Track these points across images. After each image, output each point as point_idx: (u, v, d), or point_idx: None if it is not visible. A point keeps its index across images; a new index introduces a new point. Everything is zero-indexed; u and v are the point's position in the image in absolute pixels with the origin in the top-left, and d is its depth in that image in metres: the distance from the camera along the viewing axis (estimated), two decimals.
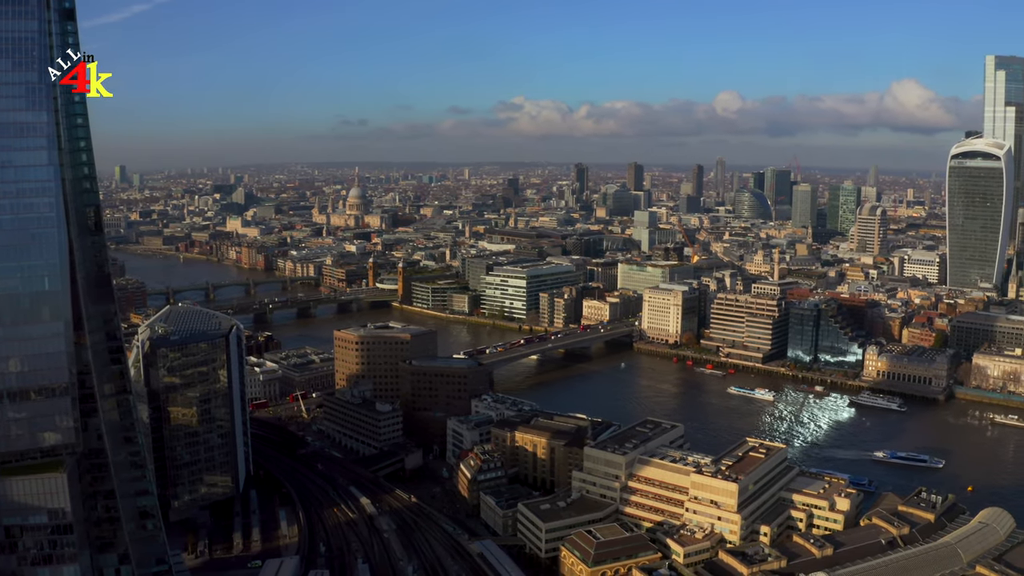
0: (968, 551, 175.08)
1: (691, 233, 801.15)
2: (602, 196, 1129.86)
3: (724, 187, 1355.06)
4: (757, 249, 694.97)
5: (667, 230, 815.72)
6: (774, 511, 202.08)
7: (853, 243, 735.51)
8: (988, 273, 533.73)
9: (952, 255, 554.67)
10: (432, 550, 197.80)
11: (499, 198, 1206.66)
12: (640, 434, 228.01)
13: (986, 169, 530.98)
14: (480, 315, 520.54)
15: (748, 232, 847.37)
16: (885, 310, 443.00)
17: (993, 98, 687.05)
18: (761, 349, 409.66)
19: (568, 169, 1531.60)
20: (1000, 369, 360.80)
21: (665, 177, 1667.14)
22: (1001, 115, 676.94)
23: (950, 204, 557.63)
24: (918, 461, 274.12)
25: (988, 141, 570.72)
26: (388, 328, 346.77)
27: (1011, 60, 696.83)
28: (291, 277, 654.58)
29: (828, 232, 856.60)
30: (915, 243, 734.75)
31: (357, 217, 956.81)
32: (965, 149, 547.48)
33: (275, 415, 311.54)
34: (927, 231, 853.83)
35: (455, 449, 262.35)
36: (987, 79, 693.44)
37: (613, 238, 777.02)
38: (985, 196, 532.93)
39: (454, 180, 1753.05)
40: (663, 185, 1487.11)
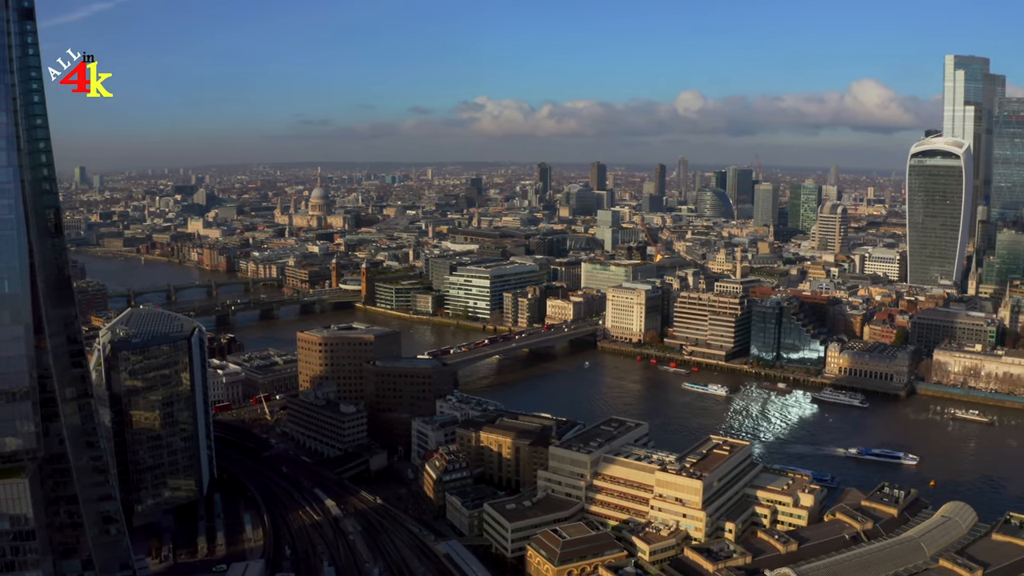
0: (931, 545, 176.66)
1: (654, 232, 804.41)
2: (565, 196, 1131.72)
3: (686, 186, 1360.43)
4: (719, 248, 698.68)
5: (630, 229, 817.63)
6: (739, 508, 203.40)
7: (814, 241, 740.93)
8: (948, 270, 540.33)
9: (912, 253, 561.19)
10: (398, 551, 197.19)
11: (462, 198, 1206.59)
12: (605, 433, 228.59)
13: (946, 168, 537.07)
14: (444, 315, 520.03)
15: (710, 231, 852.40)
16: (846, 307, 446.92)
17: (952, 97, 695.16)
18: (724, 347, 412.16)
19: (531, 169, 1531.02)
20: (960, 365, 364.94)
21: (628, 176, 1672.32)
22: (960, 114, 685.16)
23: (910, 202, 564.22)
24: (892, 458, 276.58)
25: (947, 140, 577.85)
26: (352, 329, 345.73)
27: (970, 60, 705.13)
28: (253, 278, 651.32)
29: (790, 230, 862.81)
30: (876, 241, 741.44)
31: (320, 218, 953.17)
32: (925, 148, 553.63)
33: (238, 418, 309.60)
34: (887, 229, 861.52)
35: (420, 450, 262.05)
36: (946, 79, 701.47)
37: (576, 237, 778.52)
38: (945, 194, 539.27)
39: (417, 180, 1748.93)
40: (626, 184, 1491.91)
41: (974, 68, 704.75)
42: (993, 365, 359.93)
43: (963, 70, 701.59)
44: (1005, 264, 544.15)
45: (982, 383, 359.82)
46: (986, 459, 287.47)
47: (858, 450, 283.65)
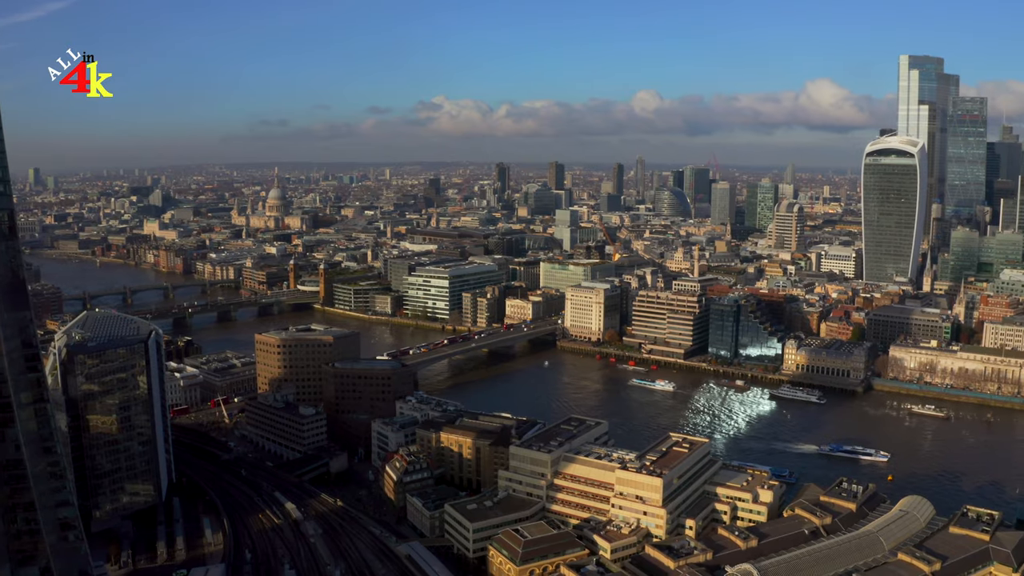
0: (890, 538, 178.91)
1: (612, 231, 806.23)
2: (524, 195, 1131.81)
3: (644, 185, 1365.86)
4: (677, 246, 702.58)
5: (588, 229, 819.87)
6: (699, 505, 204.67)
7: (771, 240, 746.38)
8: (903, 267, 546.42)
9: (868, 250, 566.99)
10: (359, 554, 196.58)
11: (421, 198, 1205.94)
12: (565, 432, 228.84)
13: (900, 166, 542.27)
14: (403, 316, 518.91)
15: (668, 230, 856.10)
16: (803, 305, 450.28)
17: (907, 97, 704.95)
18: (683, 345, 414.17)
19: (489, 168, 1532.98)
20: (916, 361, 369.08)
21: (586, 176, 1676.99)
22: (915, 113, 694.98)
23: (865, 200, 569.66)
24: (864, 454, 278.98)
25: (902, 139, 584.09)
26: (310, 330, 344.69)
27: (924, 60, 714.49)
28: (210, 280, 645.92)
29: (747, 229, 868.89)
30: (832, 239, 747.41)
31: (277, 219, 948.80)
32: (880, 147, 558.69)
33: (197, 421, 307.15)
34: (843, 227, 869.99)
35: (380, 451, 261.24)
36: (901, 78, 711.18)
37: (535, 237, 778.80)
38: (899, 192, 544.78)
39: (375, 180, 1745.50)
40: (584, 184, 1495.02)
41: (928, 68, 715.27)
42: (948, 361, 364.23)
43: (917, 70, 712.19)
44: (959, 261, 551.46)
45: (938, 378, 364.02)
46: (943, 453, 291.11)
47: (829, 447, 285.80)
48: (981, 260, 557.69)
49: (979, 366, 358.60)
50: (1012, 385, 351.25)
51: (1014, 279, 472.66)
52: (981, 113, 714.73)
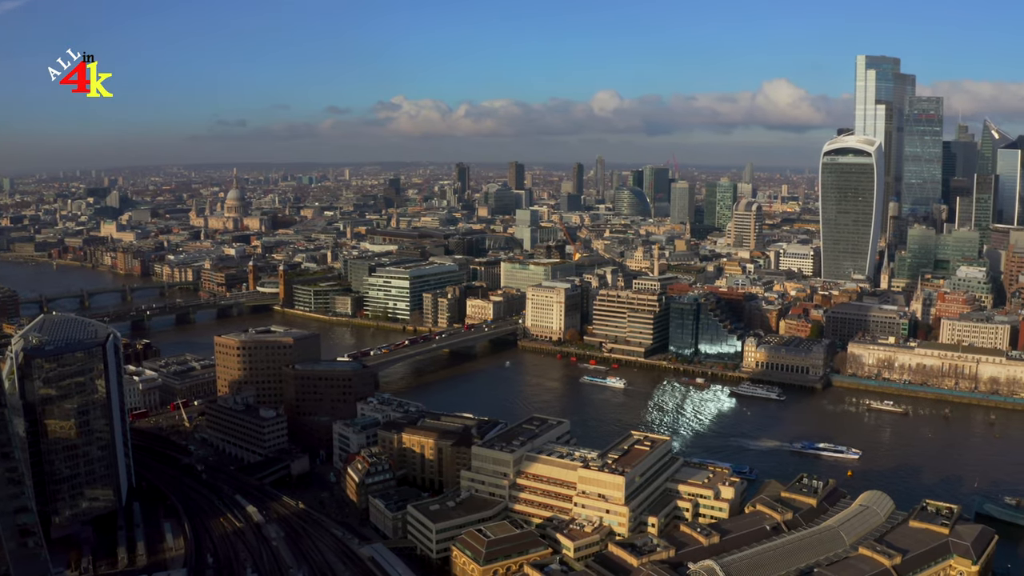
0: (850, 533, 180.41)
1: (572, 231, 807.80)
2: (484, 195, 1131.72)
3: (604, 185, 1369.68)
4: (637, 246, 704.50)
5: (549, 228, 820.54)
6: (661, 502, 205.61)
7: (730, 238, 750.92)
8: (861, 265, 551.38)
9: (826, 248, 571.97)
10: (322, 556, 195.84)
11: (380, 198, 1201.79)
12: (527, 431, 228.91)
13: (857, 165, 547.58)
14: (363, 317, 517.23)
15: (628, 229, 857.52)
16: (762, 303, 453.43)
17: (864, 97, 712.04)
18: (643, 344, 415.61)
19: (449, 168, 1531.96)
20: (874, 357, 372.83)
21: (546, 176, 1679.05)
22: (872, 113, 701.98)
23: (823, 199, 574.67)
24: (835, 452, 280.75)
25: (859, 138, 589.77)
26: (270, 332, 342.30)
27: (881, 60, 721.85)
28: (169, 282, 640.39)
29: (706, 228, 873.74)
30: (790, 237, 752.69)
31: (236, 219, 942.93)
32: (837, 146, 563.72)
33: (156, 425, 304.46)
34: (801, 225, 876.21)
35: (342, 453, 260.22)
36: (858, 78, 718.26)
37: (495, 237, 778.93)
38: (857, 191, 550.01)
39: (334, 181, 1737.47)
40: (544, 184, 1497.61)
41: (885, 68, 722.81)
42: (906, 357, 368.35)
43: (874, 70, 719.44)
44: (916, 258, 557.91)
45: (896, 374, 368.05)
46: (901, 449, 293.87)
47: (801, 444, 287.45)
48: (938, 257, 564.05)
49: (936, 362, 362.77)
50: (969, 380, 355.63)
51: (970, 276, 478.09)
52: (937, 112, 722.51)
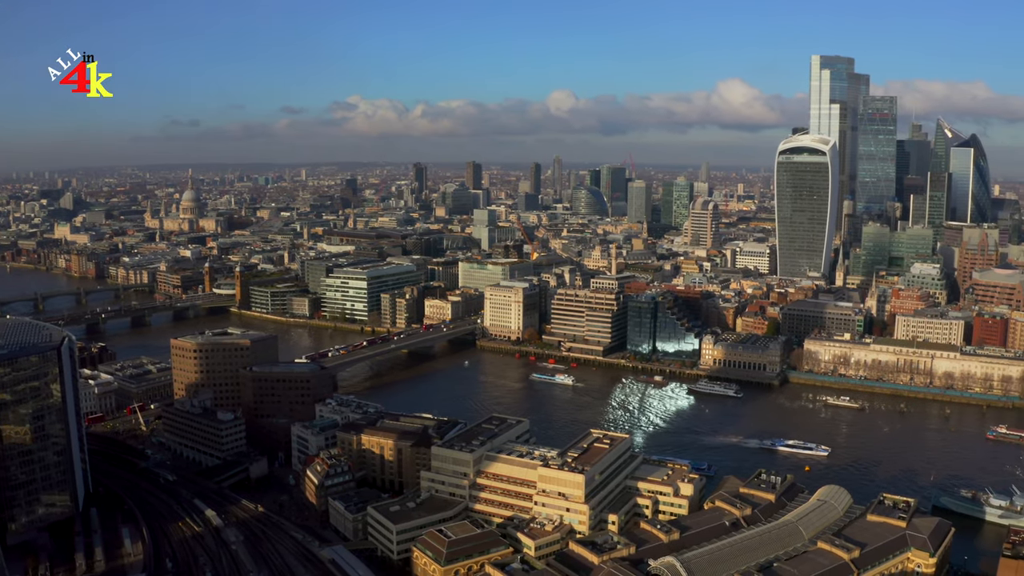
0: (809, 528, 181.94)
1: (530, 230, 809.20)
2: (441, 195, 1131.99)
3: (561, 185, 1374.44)
4: (595, 245, 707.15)
5: (506, 228, 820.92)
6: (621, 499, 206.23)
7: (687, 237, 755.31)
8: (816, 263, 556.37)
9: (782, 246, 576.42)
10: (282, 559, 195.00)
11: (337, 199, 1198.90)
12: (486, 431, 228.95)
13: (812, 164, 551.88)
14: (321, 318, 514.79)
15: (586, 228, 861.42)
16: (719, 300, 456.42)
17: (819, 96, 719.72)
18: (601, 342, 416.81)
19: (407, 169, 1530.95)
20: (830, 353, 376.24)
21: (503, 175, 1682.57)
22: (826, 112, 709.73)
23: (779, 198, 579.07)
24: (805, 449, 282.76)
25: (814, 137, 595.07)
26: (227, 334, 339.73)
27: (835, 60, 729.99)
28: (124, 285, 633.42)
29: (663, 227, 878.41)
30: (746, 236, 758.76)
31: (191, 221, 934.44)
32: (792, 145, 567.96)
33: (112, 429, 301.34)
34: (757, 224, 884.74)
35: (301, 455, 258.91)
36: (812, 78, 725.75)
37: (453, 237, 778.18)
38: (812, 189, 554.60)
39: (291, 181, 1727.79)
40: (502, 184, 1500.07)
41: (839, 68, 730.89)
42: (862, 353, 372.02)
43: (828, 70, 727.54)
44: (871, 256, 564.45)
45: (852, 370, 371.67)
46: (858, 443, 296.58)
47: (771, 441, 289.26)
48: (892, 255, 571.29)
49: (891, 358, 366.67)
50: (924, 376, 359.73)
51: (924, 273, 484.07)
52: (891, 112, 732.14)
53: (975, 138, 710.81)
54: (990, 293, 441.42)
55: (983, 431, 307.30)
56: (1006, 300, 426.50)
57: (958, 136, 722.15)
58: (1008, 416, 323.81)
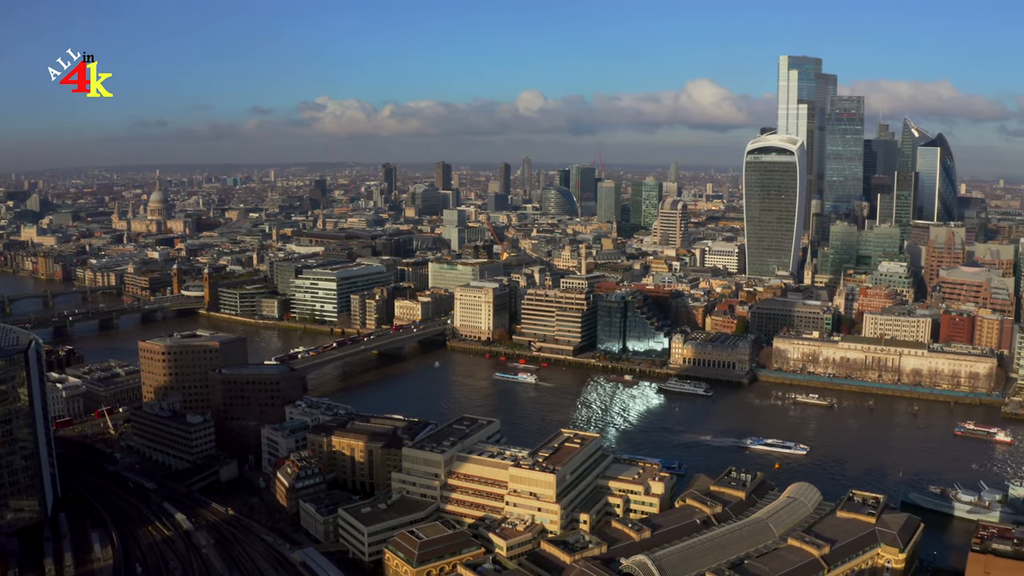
0: (779, 525, 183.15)
1: (500, 231, 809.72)
2: (411, 196, 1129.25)
3: (531, 185, 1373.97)
4: (564, 245, 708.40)
5: (476, 228, 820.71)
6: (592, 499, 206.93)
7: (656, 236, 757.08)
8: (784, 262, 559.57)
9: (750, 245, 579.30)
10: (253, 563, 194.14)
11: (306, 199, 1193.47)
12: (457, 431, 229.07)
13: (780, 163, 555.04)
14: (290, 319, 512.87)
15: (555, 228, 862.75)
16: (689, 300, 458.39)
17: (787, 96, 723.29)
18: (572, 342, 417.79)
19: (376, 169, 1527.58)
20: (799, 351, 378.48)
21: (473, 176, 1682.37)
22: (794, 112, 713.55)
23: (747, 197, 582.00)
24: (784, 447, 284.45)
25: (782, 137, 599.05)
26: (195, 337, 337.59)
27: (803, 60, 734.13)
28: (91, 287, 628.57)
29: (632, 226, 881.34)
30: (715, 235, 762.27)
31: (159, 222, 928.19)
32: (760, 145, 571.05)
33: (81, 433, 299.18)
34: (726, 223, 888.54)
35: (271, 458, 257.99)
36: (780, 78, 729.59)
37: (423, 237, 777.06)
38: (780, 189, 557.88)
39: (259, 182, 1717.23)
40: (471, 184, 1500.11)
41: (807, 68, 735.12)
42: (830, 351, 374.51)
43: (797, 70, 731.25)
44: (838, 254, 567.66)
45: (820, 368, 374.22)
46: (827, 441, 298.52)
47: (751, 440, 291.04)
48: (859, 253, 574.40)
49: (860, 355, 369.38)
50: (892, 373, 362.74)
51: (891, 271, 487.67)
52: (858, 112, 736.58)
53: (941, 137, 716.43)
54: (957, 291, 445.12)
55: (951, 427, 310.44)
56: (973, 298, 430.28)
57: (925, 136, 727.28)
58: (975, 412, 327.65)
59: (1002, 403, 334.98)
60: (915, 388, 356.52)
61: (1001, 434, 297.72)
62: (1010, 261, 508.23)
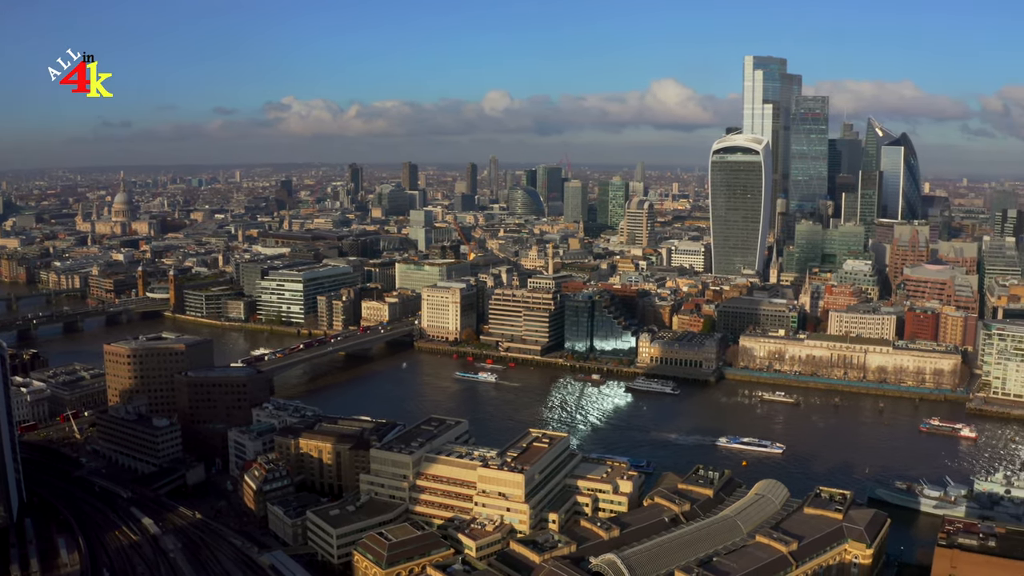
0: (747, 522, 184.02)
1: (467, 231, 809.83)
2: (377, 196, 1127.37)
3: (498, 185, 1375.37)
4: (531, 245, 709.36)
5: (443, 228, 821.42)
6: (561, 498, 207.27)
7: (623, 236, 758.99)
8: (750, 260, 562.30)
9: (716, 244, 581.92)
10: (221, 566, 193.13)
11: (272, 200, 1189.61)
12: (425, 432, 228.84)
13: (746, 163, 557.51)
14: (257, 321, 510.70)
15: (522, 228, 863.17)
16: (655, 299, 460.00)
17: (752, 96, 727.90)
18: (539, 342, 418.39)
19: (342, 169, 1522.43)
20: (765, 349, 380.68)
21: (440, 176, 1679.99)
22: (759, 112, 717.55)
23: (713, 197, 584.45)
24: (760, 446, 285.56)
25: (747, 137, 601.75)
26: (161, 339, 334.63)
27: (768, 60, 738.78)
28: (55, 289, 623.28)
29: (599, 226, 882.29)
30: (681, 234, 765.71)
31: (124, 224, 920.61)
32: (726, 144, 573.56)
33: (46, 437, 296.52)
34: (692, 223, 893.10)
35: (238, 460, 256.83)
36: (746, 78, 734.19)
37: (390, 238, 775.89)
38: (745, 188, 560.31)
39: (225, 183, 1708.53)
40: (438, 184, 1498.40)
41: (772, 68, 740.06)
42: (796, 348, 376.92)
43: (762, 70, 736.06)
44: (804, 253, 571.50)
45: (786, 366, 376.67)
46: (794, 438, 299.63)
47: (727, 438, 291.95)
48: (824, 252, 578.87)
49: (825, 353, 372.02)
50: (857, 370, 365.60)
51: (856, 269, 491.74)
52: (823, 111, 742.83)
53: (905, 137, 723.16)
54: (921, 288, 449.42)
55: (916, 424, 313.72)
56: (937, 295, 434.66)
57: (888, 135, 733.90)
58: (940, 408, 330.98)
59: (966, 399, 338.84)
60: (881, 385, 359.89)
61: (966, 430, 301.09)
62: (973, 259, 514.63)
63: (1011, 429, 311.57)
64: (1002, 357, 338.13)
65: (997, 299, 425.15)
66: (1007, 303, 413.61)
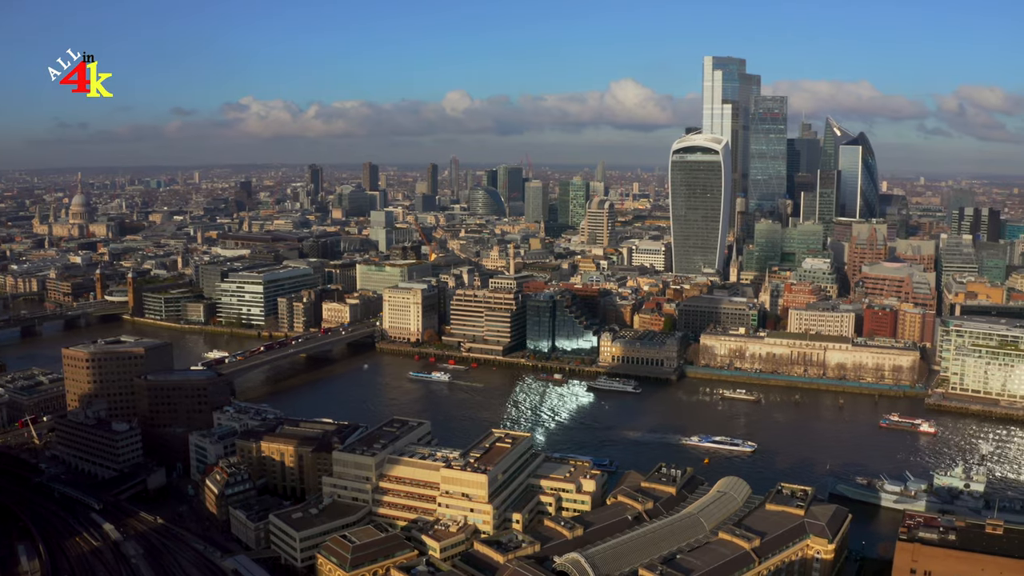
0: (710, 519, 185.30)
1: (428, 231, 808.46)
2: (338, 197, 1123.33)
3: (459, 185, 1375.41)
4: (493, 245, 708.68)
5: (404, 229, 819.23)
6: (524, 498, 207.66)
7: (584, 236, 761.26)
8: (711, 259, 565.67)
9: (677, 244, 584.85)
10: (184, 571, 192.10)
11: (232, 202, 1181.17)
12: (388, 434, 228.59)
13: (705, 163, 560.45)
14: (217, 323, 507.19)
15: (483, 228, 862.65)
16: (617, 298, 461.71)
17: (711, 96, 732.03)
18: (501, 342, 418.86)
19: (302, 170, 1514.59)
20: (726, 348, 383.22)
21: (400, 176, 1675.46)
22: (719, 112, 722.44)
23: (673, 196, 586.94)
24: (732, 445, 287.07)
25: (707, 136, 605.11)
26: (120, 343, 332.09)
27: (727, 60, 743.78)
28: (12, 293, 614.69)
29: (560, 226, 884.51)
30: (642, 234, 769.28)
31: (81, 226, 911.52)
32: (685, 144, 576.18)
33: (4, 443, 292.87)
34: (652, 222, 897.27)
35: (200, 464, 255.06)
36: (705, 78, 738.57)
37: (350, 239, 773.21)
38: (705, 188, 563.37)
39: (184, 184, 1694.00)
40: (399, 184, 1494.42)
41: (731, 68, 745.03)
42: (756, 346, 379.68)
43: (721, 70, 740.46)
44: (763, 252, 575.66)
45: (747, 364, 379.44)
46: (755, 435, 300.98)
47: (699, 437, 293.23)
48: (784, 250, 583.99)
49: (785, 350, 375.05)
50: (817, 367, 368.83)
51: (815, 267, 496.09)
52: (781, 111, 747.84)
53: (863, 136, 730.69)
54: (879, 286, 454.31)
55: (876, 420, 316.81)
56: (895, 292, 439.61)
57: (846, 134, 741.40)
58: (900, 404, 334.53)
59: (925, 395, 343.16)
60: (840, 382, 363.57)
61: (925, 425, 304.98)
62: (931, 256, 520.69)
63: (969, 424, 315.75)
64: (960, 353, 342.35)
65: (954, 296, 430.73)
66: (964, 300, 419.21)
